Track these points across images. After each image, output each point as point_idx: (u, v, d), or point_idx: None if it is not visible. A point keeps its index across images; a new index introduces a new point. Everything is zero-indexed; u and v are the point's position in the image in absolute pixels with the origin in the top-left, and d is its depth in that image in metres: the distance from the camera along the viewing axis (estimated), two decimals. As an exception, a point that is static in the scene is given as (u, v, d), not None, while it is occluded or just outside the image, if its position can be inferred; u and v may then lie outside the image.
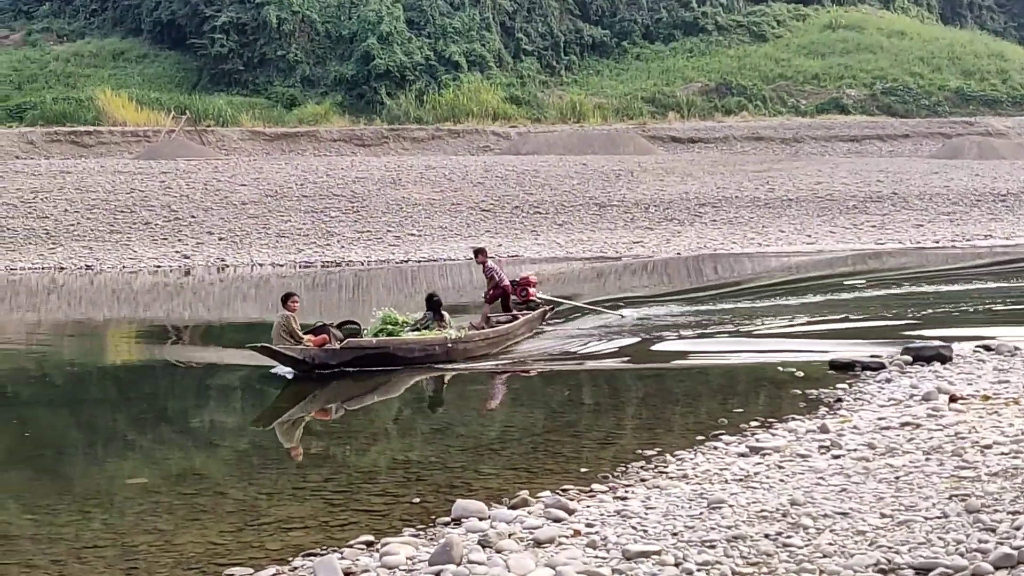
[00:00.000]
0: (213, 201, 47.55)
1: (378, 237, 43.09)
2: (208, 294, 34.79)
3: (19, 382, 22.18)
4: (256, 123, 69.13)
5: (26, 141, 63.24)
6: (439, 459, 14.72)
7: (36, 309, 32.55)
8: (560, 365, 21.38)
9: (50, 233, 42.93)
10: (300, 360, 20.10)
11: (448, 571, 9.76)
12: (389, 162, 58.84)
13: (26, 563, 11.11)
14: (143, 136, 65.00)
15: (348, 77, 74.86)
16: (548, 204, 48.42)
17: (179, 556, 11.12)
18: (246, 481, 14.11)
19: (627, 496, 12.13)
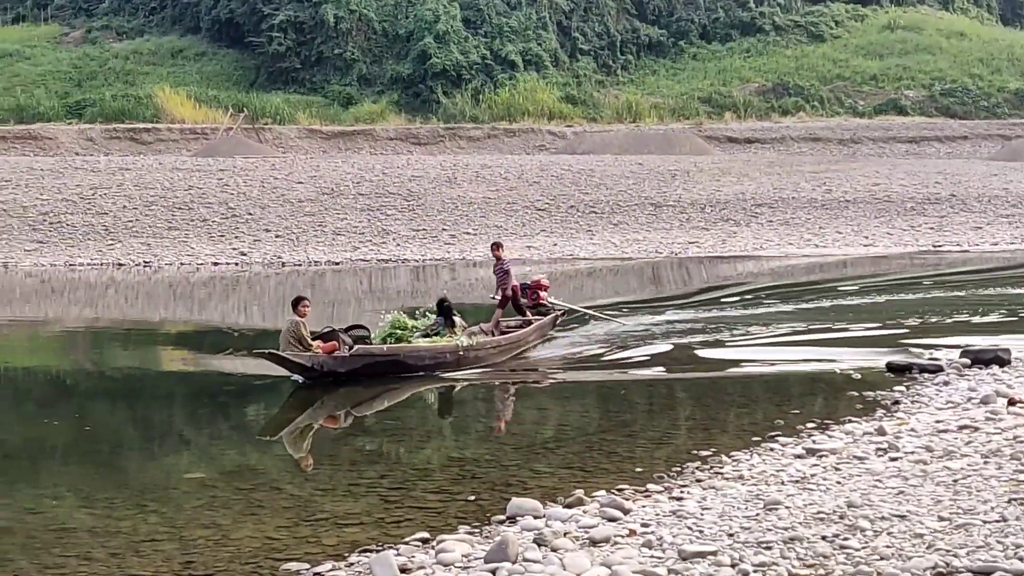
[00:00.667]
0: (270, 199, 47.74)
1: (433, 235, 43.15)
2: (263, 291, 34.95)
3: (79, 377, 22.37)
4: (313, 121, 69.38)
5: (86, 138, 63.75)
6: (493, 457, 14.74)
7: (94, 305, 32.81)
8: (602, 374, 20.82)
9: (109, 229, 43.22)
10: (309, 367, 19.50)
11: (504, 569, 9.77)
12: (445, 161, 58.92)
13: (84, 556, 11.21)
14: (201, 133, 65.41)
15: (404, 76, 75.06)
16: (603, 204, 48.36)
17: (236, 551, 11.19)
18: (302, 477, 14.19)
19: (683, 496, 12.11)
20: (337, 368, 19.61)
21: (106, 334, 28.22)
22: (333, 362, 19.63)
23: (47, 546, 11.56)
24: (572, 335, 24.88)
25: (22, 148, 61.92)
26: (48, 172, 52.51)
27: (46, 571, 10.77)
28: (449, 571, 10.02)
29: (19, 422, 18.57)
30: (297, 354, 19.41)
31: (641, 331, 24.70)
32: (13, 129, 64.17)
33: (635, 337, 23.92)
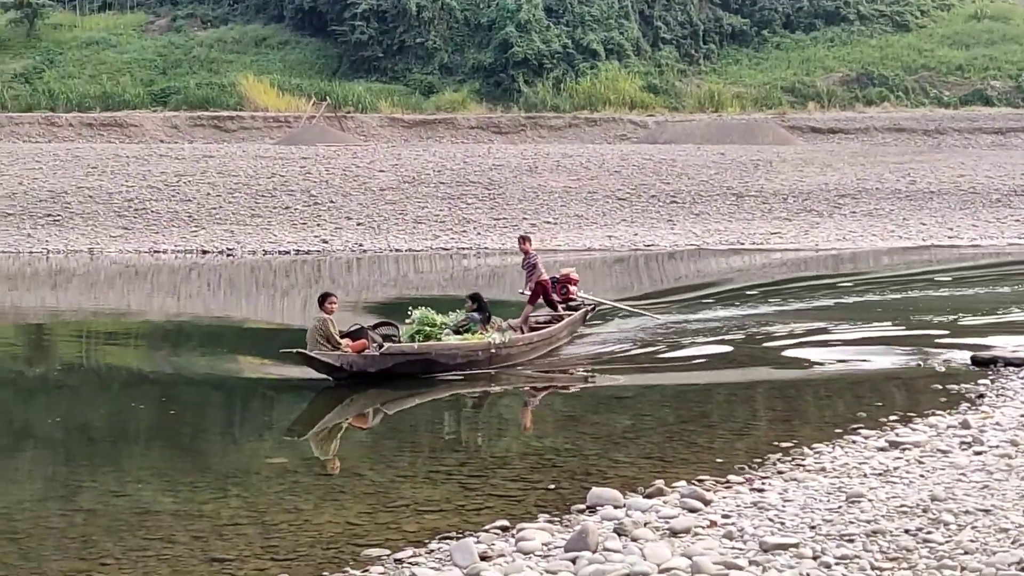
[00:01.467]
0: (352, 187, 47.94)
1: (514, 224, 43.13)
2: (346, 279, 35.14)
3: (164, 364, 22.59)
4: (395, 110, 69.61)
5: (170, 125, 64.36)
6: (573, 447, 14.73)
7: (176, 291, 33.12)
8: (670, 367, 20.50)
9: (192, 216, 43.59)
10: (337, 367, 18.64)
11: (584, 558, 9.76)
12: (526, 150, 58.94)
13: (168, 539, 11.33)
14: (284, 122, 65.81)
15: (486, 65, 75.12)
16: (685, 194, 48.18)
17: (317, 535, 11.27)
18: (383, 464, 14.24)
19: (764, 488, 12.05)
20: (367, 368, 18.83)
21: (189, 322, 28.48)
22: (363, 361, 18.85)
23: (131, 529, 11.69)
24: (620, 329, 24.41)
25: (108, 135, 62.60)
26: (133, 159, 53.04)
27: (130, 553, 10.89)
28: (529, 559, 10.02)
29: (105, 407, 18.79)
30: (325, 353, 18.63)
31: (703, 325, 24.34)
32: (99, 116, 64.89)
33: (704, 331, 23.70)
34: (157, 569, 10.44)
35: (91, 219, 42.91)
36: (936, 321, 24.12)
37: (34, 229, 41.52)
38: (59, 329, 27.59)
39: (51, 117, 64.28)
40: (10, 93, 67.38)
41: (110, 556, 10.85)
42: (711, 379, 19.27)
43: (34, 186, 46.78)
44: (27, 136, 61.57)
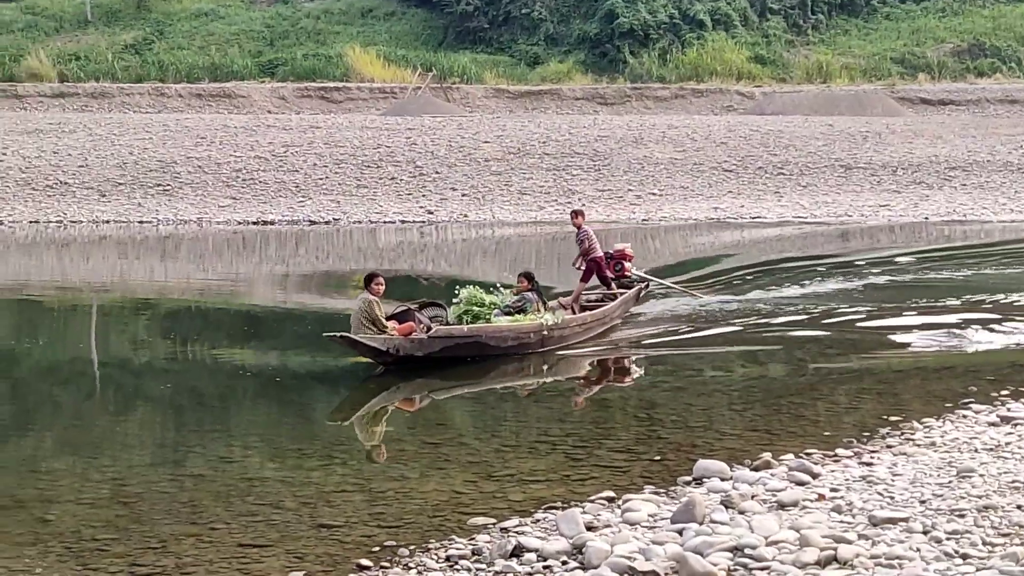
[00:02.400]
0: (457, 158, 48.01)
1: (619, 196, 42.99)
2: (449, 249, 35.28)
3: (271, 331, 22.81)
4: (500, 81, 69.58)
5: (278, 96, 64.83)
6: (679, 418, 14.69)
7: (285, 262, 33.40)
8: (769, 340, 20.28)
9: (299, 187, 43.88)
10: (384, 351, 17.58)
11: (691, 530, 9.73)
12: (631, 121, 58.69)
13: (276, 504, 11.45)
14: (390, 93, 66.06)
15: (591, 35, 74.81)
16: (792, 165, 47.72)
17: (423, 503, 11.34)
18: (488, 433, 14.29)
19: (872, 462, 11.94)
20: (414, 352, 17.79)
21: (297, 287, 28.72)
22: (410, 345, 17.79)
23: (240, 494, 11.84)
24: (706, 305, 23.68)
25: (216, 106, 63.21)
26: (241, 130, 53.49)
27: (239, 519, 11.02)
28: (635, 530, 10.01)
29: (213, 374, 19.02)
30: (371, 337, 17.58)
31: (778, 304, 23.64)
32: (208, 87, 65.54)
33: (812, 304, 23.40)
34: (266, 534, 10.56)
35: (200, 189, 43.35)
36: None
37: (144, 199, 42.03)
38: (169, 297, 27.95)
39: (160, 88, 65.00)
40: (120, 64, 68.18)
41: (219, 521, 10.99)
42: (817, 352, 19.08)
43: (144, 156, 47.34)
44: (137, 107, 62.35)
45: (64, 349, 21.54)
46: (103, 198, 42.01)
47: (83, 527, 10.92)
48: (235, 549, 10.22)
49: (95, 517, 11.23)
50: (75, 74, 66.18)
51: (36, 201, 41.60)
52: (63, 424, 15.66)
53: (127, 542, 10.45)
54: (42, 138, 50.68)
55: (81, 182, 43.71)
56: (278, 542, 10.35)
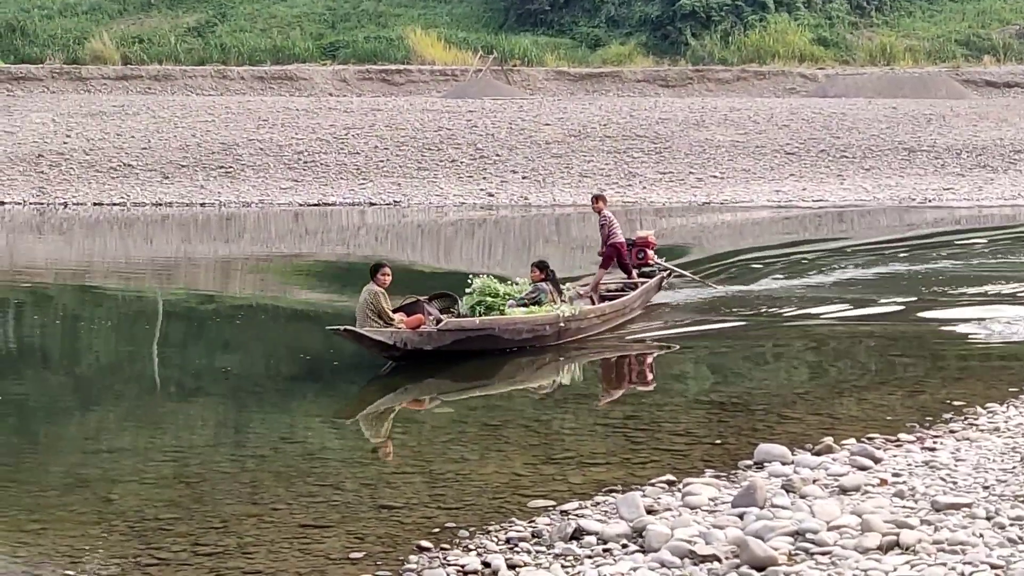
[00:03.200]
0: (517, 140, 47.95)
1: (680, 179, 42.86)
2: (509, 231, 35.28)
3: (327, 312, 22.89)
4: (561, 63, 69.39)
5: (339, 79, 64.93)
6: (740, 402, 14.63)
7: (347, 244, 33.52)
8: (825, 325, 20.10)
9: (360, 169, 43.99)
10: (390, 345, 16.68)
11: (751, 514, 9.68)
12: (693, 103, 58.40)
13: (336, 485, 11.51)
14: (451, 75, 66.03)
15: (653, 17, 74.48)
16: (855, 148, 47.36)
17: (483, 485, 11.36)
18: (549, 415, 14.30)
19: (935, 447, 11.85)
20: (423, 345, 16.92)
21: (358, 269, 28.83)
22: (419, 338, 16.90)
23: (301, 475, 11.91)
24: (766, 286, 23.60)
25: (278, 88, 63.39)
26: (303, 112, 53.62)
27: (300, 499, 11.08)
28: (696, 514, 9.98)
29: (273, 356, 19.12)
30: (376, 330, 16.66)
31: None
32: (270, 70, 65.73)
33: (875, 287, 23.22)
34: (327, 515, 10.61)
35: (262, 171, 43.54)
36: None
37: (207, 181, 42.29)
38: (229, 279, 28.11)
39: (223, 70, 65.23)
40: (183, 47, 68.50)
41: (281, 501, 11.05)
42: (879, 337, 18.94)
43: (207, 138, 47.58)
44: (200, 89, 62.63)
45: (128, 331, 21.70)
46: (166, 180, 42.30)
47: (146, 506, 11.01)
48: (296, 529, 10.28)
49: (157, 496, 11.32)
50: (138, 57, 66.55)
51: (100, 183, 41.94)
52: (126, 405, 15.79)
53: (189, 521, 10.53)
54: (106, 120, 51.03)
55: (144, 164, 44.01)
56: (339, 523, 10.40)
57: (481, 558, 9.36)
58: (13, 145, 46.27)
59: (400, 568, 9.33)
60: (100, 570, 9.55)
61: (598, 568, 8.96)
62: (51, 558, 9.86)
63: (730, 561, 8.79)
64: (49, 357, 19.60)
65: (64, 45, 66.92)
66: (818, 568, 8.58)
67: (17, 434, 14.22)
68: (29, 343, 20.87)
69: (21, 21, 68.56)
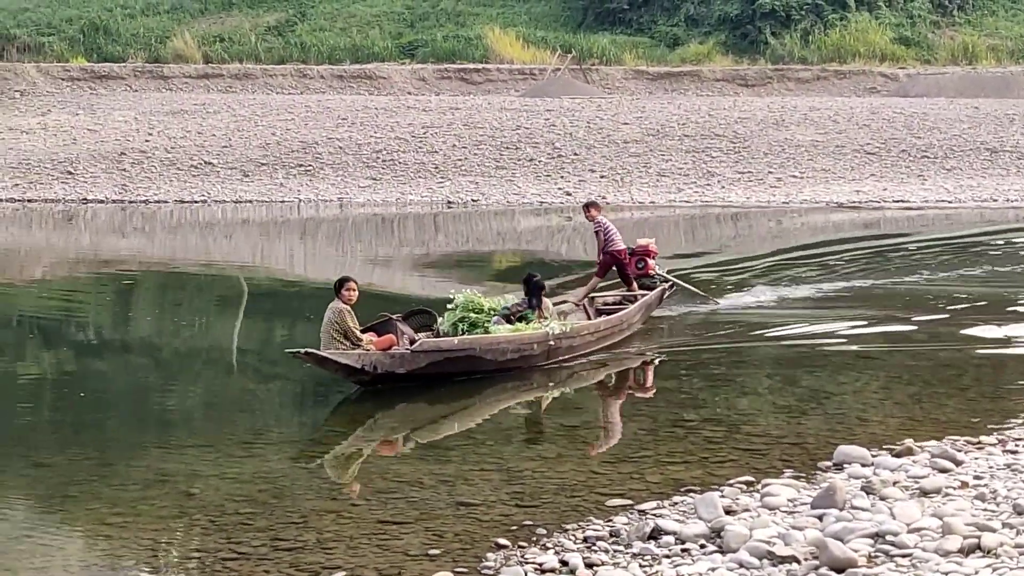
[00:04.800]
0: (596, 139, 47.91)
1: (759, 179, 42.68)
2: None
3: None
4: (639, 62, 69.25)
5: (418, 78, 65.15)
6: (819, 404, 14.55)
7: (425, 244, 33.63)
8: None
9: (439, 167, 44.16)
10: (358, 369, 15.33)
11: (831, 515, 9.63)
12: (772, 103, 58.09)
13: (415, 482, 11.57)
14: (529, 74, 66.05)
15: (732, 16, 74.18)
16: (936, 148, 46.94)
17: (561, 483, 11.38)
18: (625, 416, 14.29)
19: (1018, 450, 11.73)
20: (395, 368, 15.51)
21: (436, 267, 28.91)
22: (390, 361, 15.51)
23: (379, 473, 11.99)
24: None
25: (357, 87, 63.66)
26: (382, 111, 53.88)
27: (378, 495, 11.15)
28: (774, 515, 9.94)
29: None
30: (342, 353, 15.32)
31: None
32: (349, 68, 66.03)
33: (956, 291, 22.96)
34: (405, 512, 10.66)
35: (341, 169, 43.80)
36: None
37: (286, 179, 42.60)
38: (309, 275, 28.29)
39: (303, 69, 65.61)
40: (264, 46, 68.99)
41: (359, 498, 11.14)
42: (960, 338, 18.75)
43: (287, 137, 47.93)
44: (280, 88, 63.03)
45: (209, 328, 21.91)
46: (246, 178, 42.66)
47: (226, 501, 11.12)
48: (375, 525, 10.34)
49: (238, 492, 11.43)
50: (219, 56, 67.12)
51: (181, 180, 42.37)
52: (206, 401, 15.95)
53: (269, 517, 10.62)
54: (187, 119, 51.57)
55: (224, 162, 44.41)
56: (417, 519, 10.45)
57: (559, 556, 9.38)
58: (96, 143, 46.87)
59: (478, 565, 9.36)
60: (180, 563, 9.66)
61: (676, 568, 8.95)
62: (132, 551, 9.98)
63: (809, 563, 8.75)
64: (133, 351, 19.81)
65: (146, 44, 67.65)
66: (898, 571, 8.53)
67: (100, 428, 14.41)
68: (113, 337, 21.10)
69: (104, 20, 69.34)
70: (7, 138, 48.25)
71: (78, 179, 42.38)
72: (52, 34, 68.37)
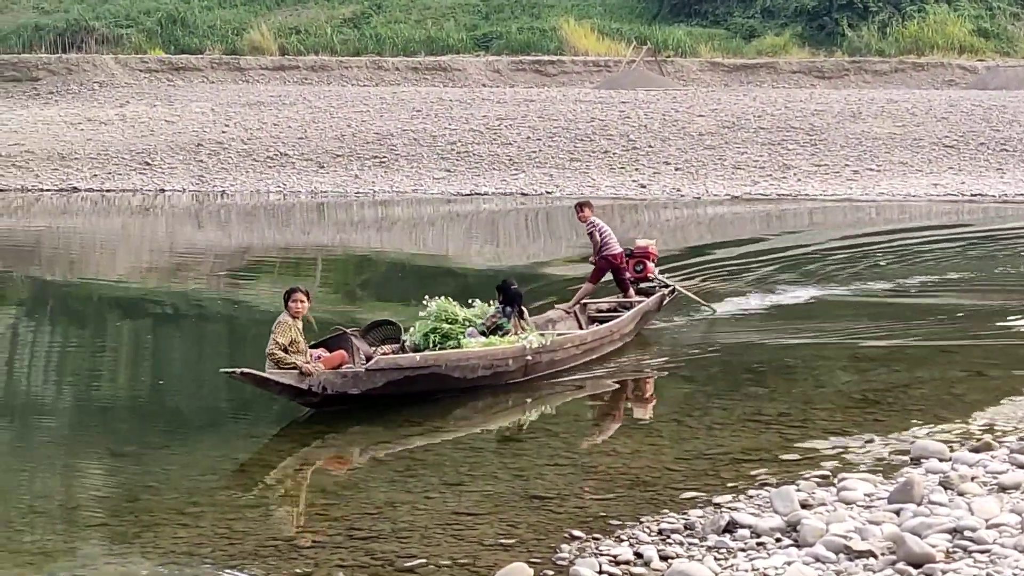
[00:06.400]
0: (670, 132, 47.71)
1: (835, 171, 42.31)
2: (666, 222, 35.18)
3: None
4: (715, 54, 68.91)
5: (492, 70, 65.14)
6: (896, 400, 14.45)
7: (498, 241, 33.67)
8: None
9: (513, 159, 44.11)
10: (303, 390, 13.77)
11: (908, 510, 9.57)
12: (849, 95, 57.63)
13: (490, 475, 11.64)
14: (603, 66, 65.87)
15: (809, 8, 73.68)
16: (1016, 141, 46.32)
17: (635, 478, 11.38)
18: (700, 411, 14.21)
19: (1099, 447, 11.60)
20: (347, 389, 14.00)
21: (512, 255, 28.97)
22: (341, 381, 13.99)
23: (455, 464, 12.09)
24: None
25: (432, 79, 63.78)
26: (456, 103, 53.95)
27: (453, 488, 11.24)
28: (851, 509, 9.89)
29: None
30: (285, 373, 13.71)
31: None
32: (424, 60, 66.18)
33: None
34: (479, 503, 10.71)
35: (415, 161, 43.87)
36: None
37: (361, 171, 42.71)
38: (384, 263, 28.41)
39: (378, 61, 65.79)
40: (339, 38, 69.22)
41: (434, 490, 11.19)
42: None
43: (362, 128, 48.09)
44: (355, 80, 63.20)
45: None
46: (321, 169, 42.83)
47: (302, 491, 11.22)
48: (449, 516, 10.39)
49: (314, 481, 11.52)
50: (295, 47, 67.48)
51: (257, 172, 42.60)
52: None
53: (345, 506, 10.71)
54: (263, 110, 51.88)
55: (300, 153, 44.62)
56: (491, 511, 10.49)
57: (633, 548, 9.38)
58: (174, 134, 47.25)
59: (552, 556, 9.38)
60: (257, 552, 9.74)
61: (751, 561, 8.93)
62: (209, 540, 10.07)
63: (886, 557, 8.70)
64: (212, 340, 19.98)
65: (223, 36, 68.10)
66: (976, 566, 8.47)
67: (177, 419, 14.56)
68: (196, 325, 21.29)
69: (182, 12, 69.87)
70: (86, 129, 48.74)
71: (155, 170, 42.73)
72: (130, 26, 68.95)
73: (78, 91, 56.94)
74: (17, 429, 14.16)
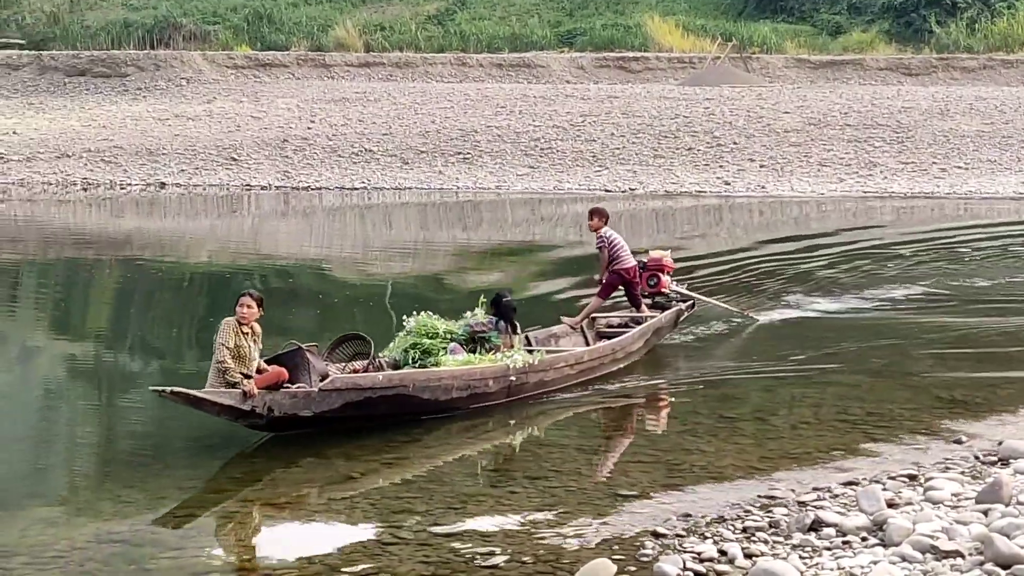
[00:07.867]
0: (755, 128, 47.45)
1: (922, 169, 41.90)
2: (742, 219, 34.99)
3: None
4: (800, 51, 68.45)
5: (576, 66, 65.07)
6: (984, 400, 14.30)
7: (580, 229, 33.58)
8: None
9: (596, 156, 44.04)
10: (246, 412, 12.38)
11: (997, 510, 9.46)
12: (936, 92, 57.08)
13: (573, 472, 11.66)
14: (688, 62, 65.64)
15: (896, 4, 73.03)
16: (1106, 139, 45.81)
17: (719, 477, 11.37)
18: (786, 410, 14.14)
19: None
20: (298, 411, 12.66)
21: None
22: (290, 402, 12.62)
23: (537, 460, 12.13)
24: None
25: (516, 76, 63.81)
26: (540, 99, 53.97)
27: (536, 482, 11.30)
28: (938, 509, 9.80)
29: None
30: (225, 392, 12.33)
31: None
32: (508, 57, 66.23)
33: None
34: (564, 500, 10.73)
35: (498, 157, 43.92)
36: None
37: (445, 167, 42.83)
38: (469, 262, 28.48)
39: (462, 58, 65.91)
40: (424, 35, 69.47)
41: (518, 485, 11.22)
42: None
43: (445, 125, 48.23)
44: (439, 76, 63.40)
45: (381, 310, 21.97)
46: (405, 165, 43.00)
47: (386, 485, 11.28)
48: (532, 512, 10.41)
49: (398, 476, 11.59)
50: (379, 44, 67.77)
51: (342, 168, 42.83)
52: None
53: (428, 501, 10.75)
54: (348, 107, 52.17)
55: (384, 150, 44.81)
56: (575, 508, 10.50)
57: (717, 546, 9.35)
58: (260, 130, 47.64)
59: (636, 553, 9.37)
60: (340, 546, 9.80)
61: (837, 560, 8.87)
62: (296, 533, 10.16)
63: (974, 558, 8.62)
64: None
65: (308, 33, 68.51)
66: (1066, 569, 8.36)
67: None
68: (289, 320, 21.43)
69: (268, 9, 70.42)
70: (173, 125, 49.26)
71: (241, 165, 43.09)
72: (217, 23, 69.59)
73: (166, 87, 57.49)
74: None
